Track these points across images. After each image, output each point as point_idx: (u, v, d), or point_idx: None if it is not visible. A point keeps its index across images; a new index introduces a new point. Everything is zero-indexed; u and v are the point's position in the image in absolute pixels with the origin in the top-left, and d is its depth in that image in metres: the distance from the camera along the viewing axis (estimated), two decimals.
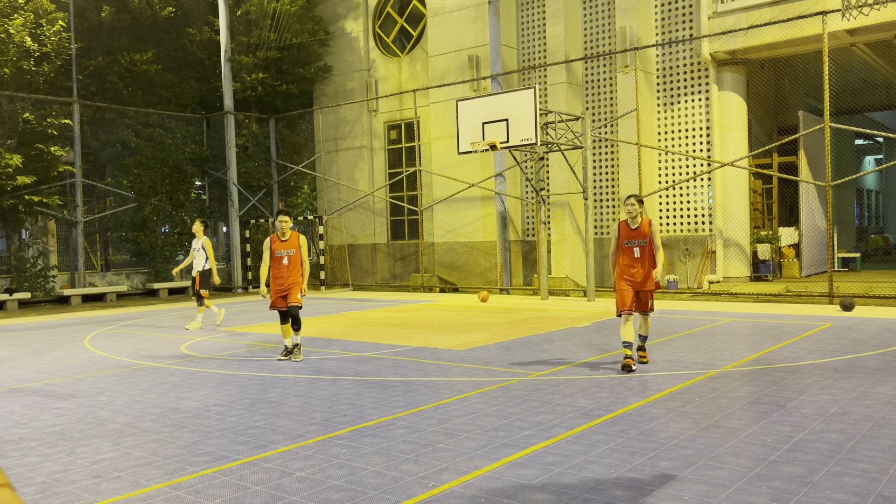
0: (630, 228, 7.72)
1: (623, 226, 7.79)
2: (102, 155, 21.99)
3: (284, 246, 8.86)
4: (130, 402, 6.89)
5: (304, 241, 8.99)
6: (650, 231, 7.65)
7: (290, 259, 8.84)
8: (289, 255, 8.84)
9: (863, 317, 11.44)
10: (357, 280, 22.20)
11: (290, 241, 8.91)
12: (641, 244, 7.63)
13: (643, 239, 7.63)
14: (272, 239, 8.94)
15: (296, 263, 8.86)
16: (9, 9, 17.72)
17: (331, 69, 22.69)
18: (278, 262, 8.84)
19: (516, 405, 6.22)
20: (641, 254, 7.64)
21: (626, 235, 7.72)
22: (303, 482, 4.43)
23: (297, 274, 8.87)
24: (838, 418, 5.49)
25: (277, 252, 8.85)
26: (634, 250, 7.65)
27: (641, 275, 7.64)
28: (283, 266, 8.82)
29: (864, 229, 30.53)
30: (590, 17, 18.42)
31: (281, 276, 8.84)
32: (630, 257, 7.66)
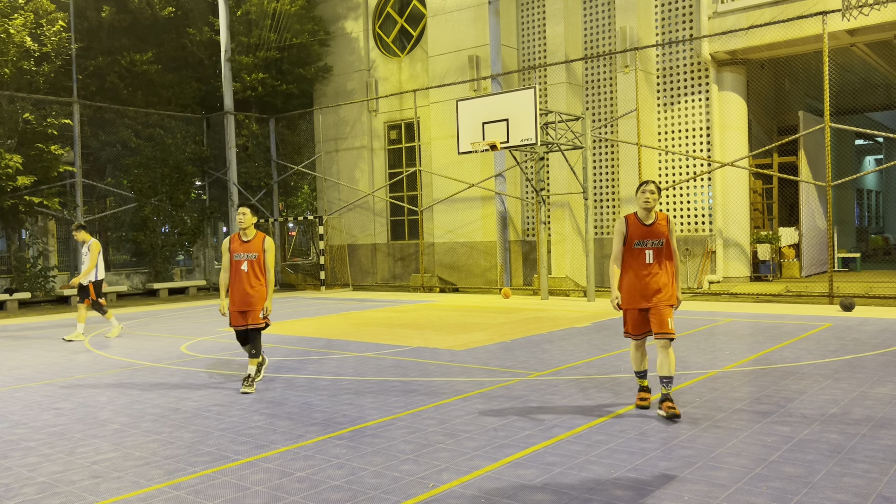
0: (643, 224, 5.80)
1: (633, 221, 5.84)
2: (102, 155, 21.98)
3: (245, 248, 7.31)
4: (130, 402, 6.89)
5: (270, 245, 7.36)
6: (668, 230, 5.82)
7: (251, 265, 7.28)
8: (249, 259, 7.27)
9: (863, 317, 11.44)
10: (357, 280, 22.20)
11: (252, 242, 7.33)
12: (657, 246, 5.77)
13: (659, 239, 5.77)
14: (231, 239, 7.38)
15: (258, 271, 7.29)
16: (9, 9, 17.71)
17: (331, 69, 22.69)
18: (236, 268, 7.28)
19: (516, 405, 6.22)
20: (656, 259, 5.78)
21: (636, 233, 5.79)
22: (303, 482, 4.43)
23: (260, 285, 7.28)
24: (838, 418, 5.49)
25: (236, 255, 7.31)
26: (647, 253, 5.77)
27: (656, 286, 5.75)
28: (242, 273, 7.24)
29: (865, 229, 30.53)
30: (590, 17, 18.42)
31: (239, 287, 7.25)
32: (641, 263, 5.78)
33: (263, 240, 7.34)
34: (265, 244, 7.32)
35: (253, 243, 7.32)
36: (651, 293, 5.75)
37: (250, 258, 7.27)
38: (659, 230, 5.80)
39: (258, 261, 7.29)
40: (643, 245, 5.79)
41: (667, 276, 5.80)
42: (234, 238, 7.41)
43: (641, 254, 5.79)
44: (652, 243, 5.79)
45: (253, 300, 7.22)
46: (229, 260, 7.33)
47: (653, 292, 5.76)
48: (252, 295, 7.22)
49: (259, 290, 7.26)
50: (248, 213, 7.25)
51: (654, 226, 5.80)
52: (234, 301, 7.29)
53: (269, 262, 7.33)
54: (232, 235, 7.42)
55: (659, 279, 5.78)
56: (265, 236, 7.35)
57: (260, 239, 7.35)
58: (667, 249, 5.83)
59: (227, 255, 7.36)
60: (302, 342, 10.53)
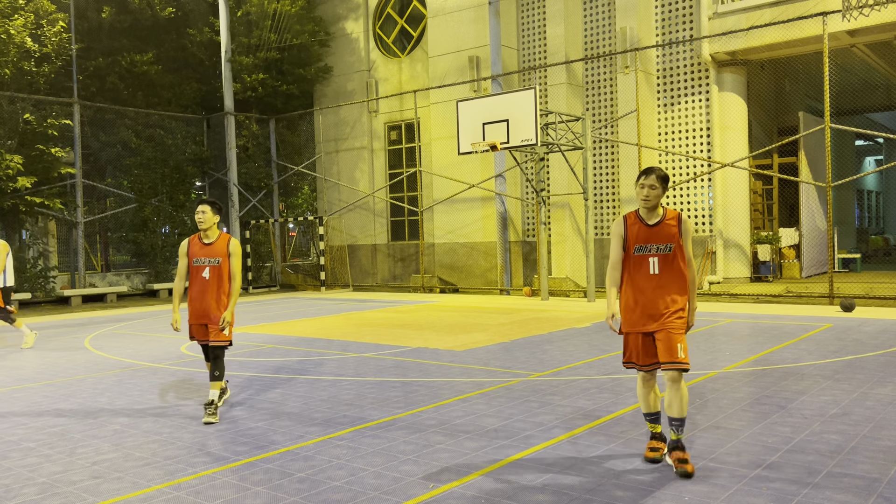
0: (645, 225, 4.59)
1: (633, 221, 4.65)
2: (103, 155, 21.99)
3: (206, 251, 6.30)
4: (131, 402, 6.89)
5: (236, 248, 6.34)
6: (680, 231, 4.58)
7: (214, 272, 6.26)
8: (211, 264, 6.26)
9: (863, 318, 11.44)
10: (357, 281, 22.20)
11: (215, 245, 6.31)
12: (664, 252, 4.55)
13: (667, 244, 4.55)
14: (190, 241, 6.39)
15: (221, 278, 6.26)
16: (9, 9, 17.72)
17: (331, 70, 22.69)
18: (197, 275, 6.31)
19: (516, 406, 6.22)
20: (663, 268, 4.55)
21: (637, 236, 4.60)
22: (303, 483, 4.43)
23: (223, 294, 6.28)
24: (839, 419, 5.48)
25: (196, 259, 6.31)
26: (651, 262, 4.56)
27: (663, 304, 4.53)
28: (203, 281, 6.25)
29: (865, 230, 30.53)
30: (590, 17, 18.42)
31: (200, 297, 6.27)
32: (644, 274, 4.58)
33: (228, 242, 6.33)
34: (230, 247, 6.31)
35: (215, 246, 6.31)
36: (658, 312, 4.53)
37: (212, 263, 6.26)
38: (666, 232, 4.54)
39: (222, 266, 6.26)
40: (645, 251, 4.57)
41: (678, 290, 4.55)
42: (192, 240, 6.40)
43: (644, 262, 4.57)
44: (657, 249, 4.55)
45: (215, 313, 6.26)
46: (187, 266, 6.35)
47: (660, 311, 4.52)
48: (214, 307, 6.25)
49: (222, 300, 6.27)
50: (208, 210, 6.26)
51: (660, 226, 4.55)
52: (193, 313, 6.32)
53: (235, 268, 6.31)
54: (191, 237, 6.42)
55: (667, 294, 4.53)
56: (230, 238, 6.38)
57: (224, 241, 6.34)
58: (678, 256, 4.55)
59: (184, 260, 6.35)
60: (302, 343, 10.53)
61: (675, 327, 4.51)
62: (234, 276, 6.34)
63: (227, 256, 6.32)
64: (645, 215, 4.61)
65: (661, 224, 4.60)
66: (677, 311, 4.55)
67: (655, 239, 4.58)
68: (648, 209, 4.57)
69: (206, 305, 6.27)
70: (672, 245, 4.56)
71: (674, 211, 4.63)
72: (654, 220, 4.59)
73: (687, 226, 4.61)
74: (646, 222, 4.60)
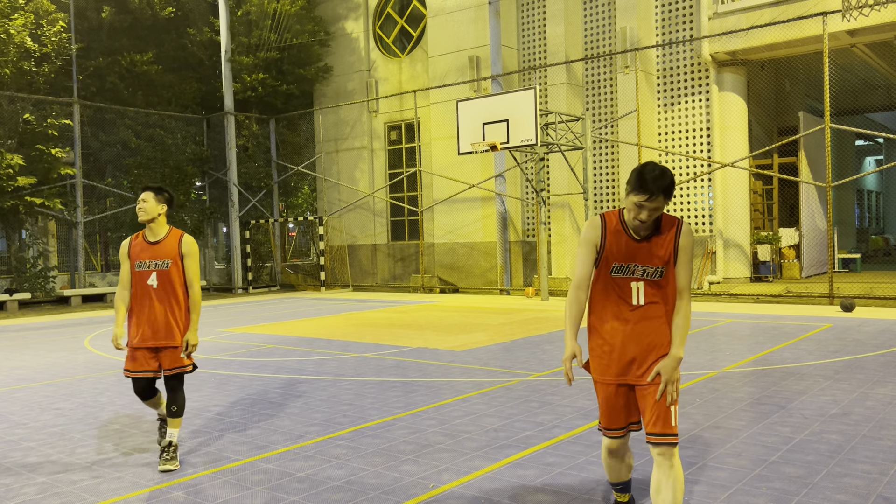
0: (631, 238, 3.29)
1: (615, 227, 3.32)
2: (103, 155, 21.99)
3: (152, 252, 4.92)
4: (131, 402, 6.88)
5: (191, 247, 4.98)
6: (677, 247, 3.26)
7: (163, 278, 4.90)
8: (159, 269, 4.90)
9: (863, 318, 11.44)
10: (357, 280, 22.20)
11: (164, 243, 4.94)
12: (653, 277, 3.27)
13: (656, 266, 3.26)
14: (132, 241, 5.01)
15: (172, 286, 4.91)
16: (9, 9, 17.73)
17: (331, 70, 22.69)
18: (141, 283, 4.90)
19: (516, 406, 6.22)
20: (652, 297, 3.29)
21: (619, 250, 3.30)
22: (303, 482, 4.43)
23: (177, 307, 4.94)
24: (839, 419, 5.48)
25: (139, 263, 4.92)
26: (634, 288, 3.30)
27: (649, 345, 3.29)
28: (149, 291, 4.88)
29: (865, 230, 30.54)
30: (590, 17, 18.42)
31: (147, 311, 4.89)
32: (623, 303, 3.32)
33: (180, 240, 4.97)
34: (182, 246, 4.95)
35: (164, 245, 4.93)
36: (641, 356, 3.29)
37: (160, 267, 4.89)
38: (661, 249, 3.25)
39: (172, 271, 4.91)
40: (628, 273, 3.28)
41: (664, 329, 3.29)
42: (135, 239, 5.02)
43: (625, 288, 3.30)
44: (645, 271, 3.26)
45: (167, 331, 4.88)
46: (129, 271, 4.94)
47: (644, 355, 3.29)
48: (166, 323, 4.88)
49: (177, 315, 4.92)
50: (150, 198, 4.89)
51: (652, 241, 3.25)
52: (139, 332, 4.88)
53: (192, 273, 4.96)
54: (133, 235, 5.07)
55: (654, 332, 3.28)
56: (182, 234, 5.02)
57: (175, 239, 4.96)
58: (671, 282, 3.28)
59: (126, 264, 4.96)
60: (302, 342, 10.53)
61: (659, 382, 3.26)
62: (192, 283, 4.96)
63: (179, 258, 4.93)
64: (631, 226, 3.26)
65: (655, 238, 3.25)
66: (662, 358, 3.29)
67: (644, 258, 3.26)
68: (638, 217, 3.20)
69: (154, 323, 4.85)
70: (664, 268, 3.26)
71: (672, 218, 3.29)
72: (644, 233, 3.25)
73: (688, 241, 3.25)
74: (633, 234, 3.28)
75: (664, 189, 3.12)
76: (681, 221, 3.30)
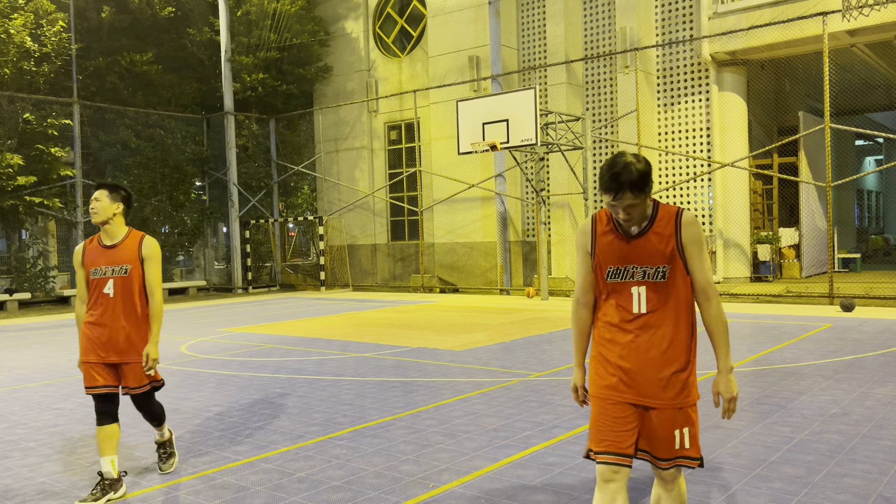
0: (624, 237, 2.86)
1: (605, 227, 2.92)
2: (102, 155, 21.99)
3: (108, 257, 4.42)
4: (131, 402, 6.87)
5: (152, 249, 4.49)
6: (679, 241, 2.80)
7: (121, 286, 4.41)
8: (117, 275, 4.41)
9: (863, 317, 11.44)
10: (357, 280, 22.20)
11: (122, 247, 4.44)
12: (655, 278, 2.82)
13: (657, 266, 2.81)
14: (86, 245, 4.51)
15: (131, 294, 4.41)
16: (9, 9, 17.72)
17: (331, 69, 22.69)
18: (97, 291, 4.42)
19: (516, 406, 6.22)
20: (652, 302, 2.83)
21: (611, 252, 2.88)
22: (303, 482, 4.43)
23: (137, 317, 4.43)
24: (838, 419, 5.48)
25: (94, 270, 4.43)
26: (635, 294, 2.85)
27: (655, 360, 2.81)
28: (105, 300, 4.40)
29: (865, 230, 30.54)
30: (590, 17, 18.42)
31: (104, 321, 4.39)
32: (624, 312, 2.87)
33: (140, 242, 4.47)
34: (143, 249, 4.46)
35: (121, 249, 4.43)
36: (647, 372, 2.80)
37: (118, 274, 4.40)
38: (657, 245, 2.80)
39: (132, 277, 4.41)
40: (626, 277, 2.84)
41: (680, 338, 2.83)
42: (89, 243, 4.51)
43: (624, 294, 2.86)
44: (645, 273, 2.81)
45: (127, 345, 4.40)
46: (85, 278, 4.47)
47: (651, 371, 2.80)
48: (125, 337, 4.40)
49: (137, 327, 4.43)
50: (103, 197, 4.41)
51: (647, 236, 2.81)
52: (93, 347, 4.38)
53: (154, 279, 4.46)
54: (87, 240, 4.55)
55: (660, 344, 2.81)
56: (143, 236, 4.51)
57: (134, 242, 4.46)
58: (679, 282, 2.82)
59: (81, 272, 4.48)
60: (302, 342, 10.53)
61: (677, 406, 2.79)
62: (153, 291, 4.45)
63: (138, 262, 4.43)
64: (621, 222, 2.83)
65: (650, 233, 2.81)
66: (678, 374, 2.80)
67: (641, 257, 2.81)
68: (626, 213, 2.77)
69: (113, 335, 4.38)
70: (667, 267, 2.78)
71: (670, 209, 2.84)
72: (639, 227, 2.83)
73: (693, 231, 2.79)
74: (624, 231, 2.85)
75: (632, 184, 2.68)
76: (681, 211, 2.83)
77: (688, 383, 2.81)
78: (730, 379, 2.84)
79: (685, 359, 2.83)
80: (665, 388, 2.79)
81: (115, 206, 4.42)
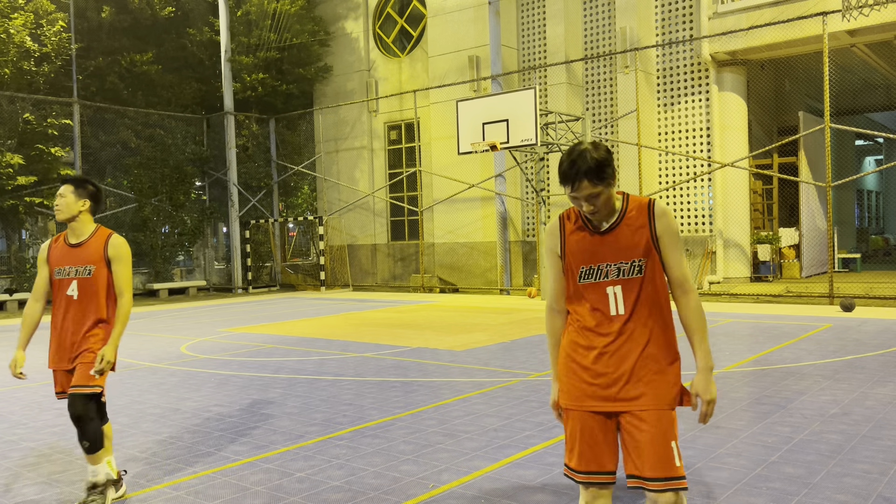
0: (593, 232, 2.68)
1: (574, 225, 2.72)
2: (103, 155, 21.99)
3: (73, 257, 4.18)
4: (130, 402, 6.88)
5: (120, 249, 4.19)
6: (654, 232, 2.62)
7: (85, 287, 4.14)
8: (81, 276, 4.14)
9: (863, 317, 11.44)
10: (357, 280, 22.20)
11: (87, 246, 4.18)
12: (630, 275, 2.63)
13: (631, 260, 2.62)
14: (51, 244, 4.30)
15: (97, 297, 4.14)
16: (9, 9, 17.72)
17: (331, 69, 22.69)
18: (60, 293, 4.19)
19: (516, 406, 6.22)
20: (629, 302, 2.63)
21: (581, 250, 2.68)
22: (303, 483, 4.43)
23: (102, 321, 4.17)
24: (839, 419, 5.48)
25: (59, 270, 4.19)
26: (610, 293, 2.64)
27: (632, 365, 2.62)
28: (68, 302, 4.16)
29: (865, 230, 30.54)
30: (590, 17, 18.42)
31: (65, 325, 4.18)
32: (599, 314, 2.66)
33: (107, 241, 4.19)
34: (108, 249, 4.17)
35: (87, 248, 4.17)
36: (623, 379, 2.62)
37: (82, 275, 4.13)
38: (630, 238, 2.62)
39: (97, 279, 4.14)
40: (600, 277, 2.65)
41: (660, 339, 2.65)
42: (54, 242, 4.28)
43: (599, 294, 2.66)
44: (620, 270, 2.62)
45: (83, 348, 4.12)
46: (47, 278, 4.24)
47: (627, 377, 2.62)
48: (84, 339, 4.13)
49: (99, 330, 4.15)
50: (68, 192, 4.16)
51: (618, 230, 2.64)
52: (55, 350, 4.21)
53: (122, 280, 4.17)
54: (53, 238, 4.32)
55: (640, 348, 2.63)
56: (110, 235, 4.22)
57: (100, 240, 4.19)
58: (656, 278, 2.65)
59: (43, 271, 4.24)
60: (302, 342, 10.53)
61: (655, 411, 2.57)
62: (121, 293, 4.16)
63: (104, 263, 4.15)
64: (589, 216, 2.66)
65: (621, 226, 2.64)
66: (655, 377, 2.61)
67: (612, 253, 2.63)
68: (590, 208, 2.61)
69: (75, 339, 4.12)
70: (643, 261, 2.60)
71: (640, 200, 2.67)
72: (607, 223, 2.65)
73: (667, 222, 2.62)
74: (593, 226, 2.67)
75: (588, 172, 2.51)
76: (653, 201, 2.66)
77: (673, 381, 2.63)
78: (709, 379, 2.62)
79: (670, 357, 2.66)
80: (648, 389, 2.59)
81: (80, 202, 4.17)
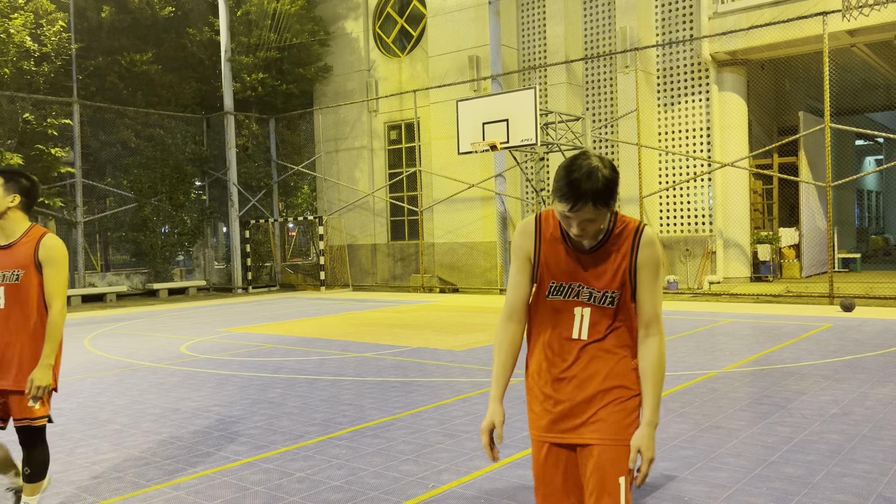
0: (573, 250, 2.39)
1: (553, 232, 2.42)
2: (102, 155, 21.99)
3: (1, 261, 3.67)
4: (130, 402, 6.88)
5: (54, 252, 3.67)
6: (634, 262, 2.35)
7: (12, 293, 3.65)
8: (8, 282, 3.65)
9: (863, 317, 11.44)
10: (357, 280, 22.19)
11: (16, 248, 3.67)
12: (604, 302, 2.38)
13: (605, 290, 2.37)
14: None
15: (26, 305, 3.66)
16: (9, 9, 17.72)
17: (331, 69, 22.69)
18: None
19: (516, 406, 6.22)
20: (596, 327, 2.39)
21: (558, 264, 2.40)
22: (303, 483, 4.43)
23: (25, 333, 3.66)
24: (839, 419, 5.48)
25: None
26: (577, 315, 2.39)
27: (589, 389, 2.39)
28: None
29: (865, 230, 30.55)
30: (590, 17, 18.42)
31: None
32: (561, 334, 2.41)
33: (38, 242, 3.67)
34: (39, 251, 3.66)
35: (16, 250, 3.67)
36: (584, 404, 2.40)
37: (9, 280, 3.65)
38: (611, 264, 2.38)
39: (26, 284, 3.65)
40: (570, 295, 2.41)
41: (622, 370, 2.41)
42: None
43: (565, 314, 2.42)
44: (591, 295, 2.39)
45: (15, 364, 3.64)
46: None
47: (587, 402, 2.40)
48: (16, 356, 3.65)
49: (34, 346, 3.67)
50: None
51: (602, 251, 2.38)
52: None
53: (53, 286, 3.67)
54: None
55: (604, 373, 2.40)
56: (44, 234, 3.70)
57: (31, 241, 3.68)
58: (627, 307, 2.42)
59: None
60: (302, 342, 10.53)
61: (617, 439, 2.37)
62: (52, 300, 3.66)
63: (33, 267, 3.65)
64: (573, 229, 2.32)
65: (605, 249, 2.38)
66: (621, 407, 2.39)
67: (586, 276, 2.39)
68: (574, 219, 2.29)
69: (4, 356, 3.64)
70: (616, 293, 2.38)
71: (632, 222, 2.39)
72: (591, 241, 2.38)
73: (651, 253, 2.36)
74: (573, 243, 2.40)
75: (595, 194, 2.21)
76: (643, 227, 2.36)
77: (633, 417, 2.39)
78: (653, 436, 2.32)
79: (633, 391, 2.41)
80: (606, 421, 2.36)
81: (10, 197, 3.63)
